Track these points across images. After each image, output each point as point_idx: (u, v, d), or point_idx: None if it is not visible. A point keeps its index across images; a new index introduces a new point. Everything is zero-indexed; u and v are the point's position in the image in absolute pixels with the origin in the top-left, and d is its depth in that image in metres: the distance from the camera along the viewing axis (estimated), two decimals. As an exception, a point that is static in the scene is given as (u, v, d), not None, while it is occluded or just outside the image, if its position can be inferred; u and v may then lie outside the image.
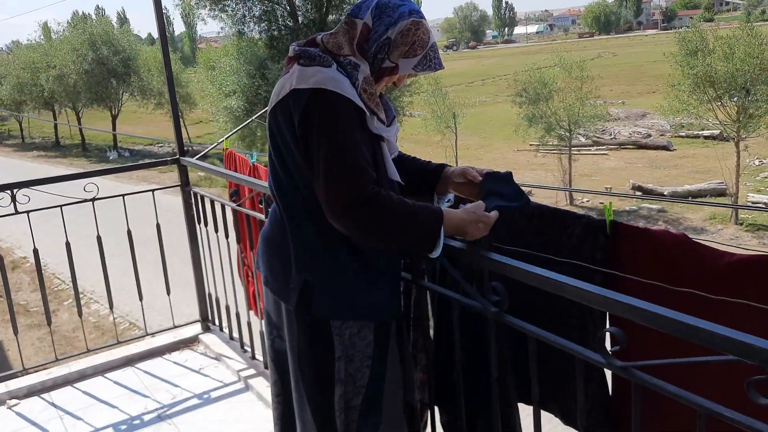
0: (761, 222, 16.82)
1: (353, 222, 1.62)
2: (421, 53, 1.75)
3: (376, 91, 1.77)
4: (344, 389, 1.79)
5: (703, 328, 1.16)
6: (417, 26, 1.74)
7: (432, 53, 1.76)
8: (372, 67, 1.75)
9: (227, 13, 17.93)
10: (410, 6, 1.76)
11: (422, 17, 1.76)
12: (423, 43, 1.74)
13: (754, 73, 17.50)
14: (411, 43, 1.73)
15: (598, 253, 1.99)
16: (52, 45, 35.45)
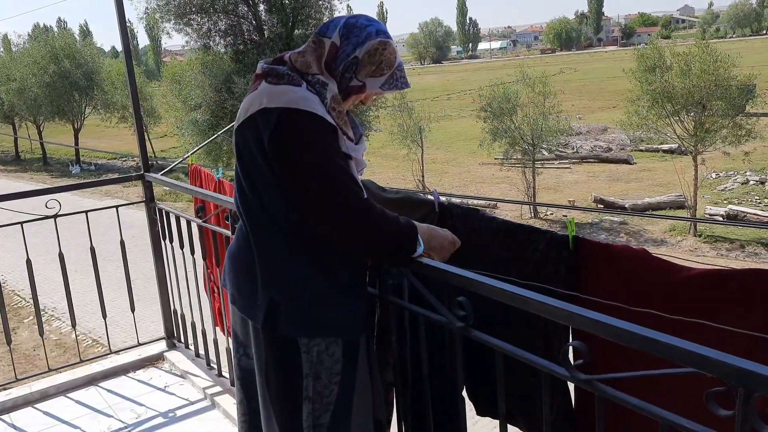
0: (719, 234, 17.24)
1: (350, 227, 1.70)
2: (388, 72, 1.79)
3: (344, 109, 1.79)
4: (312, 407, 1.79)
5: (663, 341, 1.20)
6: (384, 46, 1.77)
7: (398, 72, 1.81)
8: (340, 85, 1.77)
9: (192, 27, 17.82)
10: (378, 26, 1.80)
11: (389, 38, 1.80)
12: (390, 63, 1.79)
13: (710, 88, 17.99)
14: (378, 63, 1.77)
15: (562, 268, 2.03)
16: (12, 57, 34.79)
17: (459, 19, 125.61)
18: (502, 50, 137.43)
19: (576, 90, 44.75)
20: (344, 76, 1.78)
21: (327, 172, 1.67)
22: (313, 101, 1.69)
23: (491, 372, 1.73)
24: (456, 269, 1.73)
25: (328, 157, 1.68)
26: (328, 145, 1.69)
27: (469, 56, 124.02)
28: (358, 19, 1.80)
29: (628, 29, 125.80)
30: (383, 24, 1.84)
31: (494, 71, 47.00)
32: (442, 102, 46.80)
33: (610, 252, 1.93)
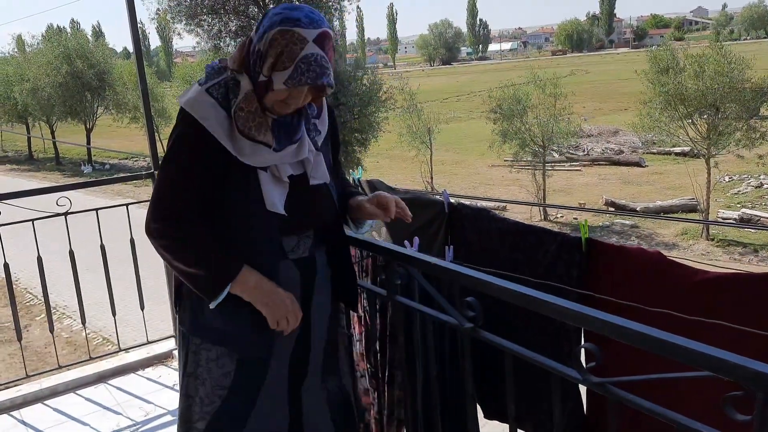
0: (731, 237, 17.10)
1: (153, 242, 1.70)
2: (290, 66, 1.59)
3: (259, 109, 1.65)
4: (192, 407, 1.77)
5: (680, 344, 1.17)
6: (283, 35, 1.59)
7: (303, 65, 1.58)
8: (253, 82, 1.66)
9: (203, 28, 17.86)
10: (287, 15, 1.61)
11: (297, 26, 1.59)
12: (292, 55, 1.58)
13: (724, 91, 17.85)
14: (278, 55, 1.60)
15: (574, 270, 2.01)
16: (26, 58, 34.99)
17: (469, 20, 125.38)
18: (512, 52, 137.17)
19: (587, 92, 44.55)
20: (254, 71, 1.65)
21: (161, 173, 1.70)
22: (203, 104, 1.64)
23: (500, 374, 1.71)
24: (466, 270, 1.71)
25: (168, 159, 1.67)
26: (180, 147, 1.66)
27: (479, 58, 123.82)
28: (277, 8, 1.65)
29: (640, 31, 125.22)
30: (306, 12, 1.63)
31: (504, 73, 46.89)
32: (451, 103, 46.73)
33: (624, 254, 1.90)
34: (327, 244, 1.86)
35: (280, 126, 1.67)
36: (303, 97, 1.66)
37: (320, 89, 1.69)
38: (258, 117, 1.64)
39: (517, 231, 2.28)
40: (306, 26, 1.58)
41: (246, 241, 1.70)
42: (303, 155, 1.72)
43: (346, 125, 16.96)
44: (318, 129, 1.80)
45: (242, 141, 1.63)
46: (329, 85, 1.62)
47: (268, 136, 1.65)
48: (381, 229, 3.55)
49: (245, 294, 1.67)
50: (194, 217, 1.68)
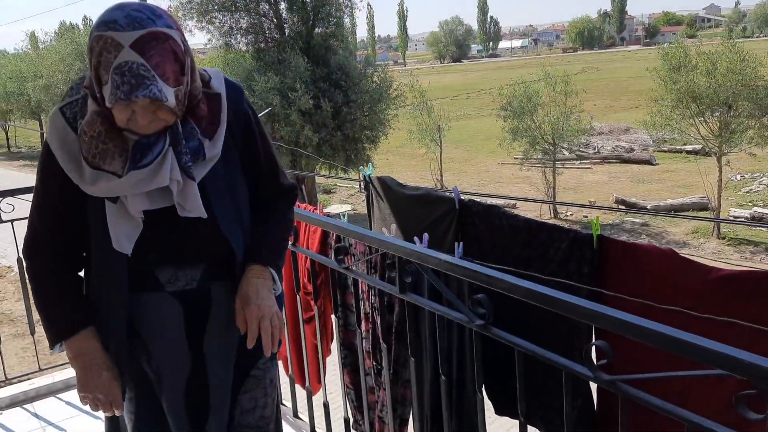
0: (743, 236, 16.99)
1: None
2: (107, 78, 1.31)
3: (102, 132, 1.40)
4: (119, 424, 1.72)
5: (693, 342, 1.17)
6: (98, 41, 1.32)
7: (117, 77, 1.29)
8: (96, 100, 1.40)
9: (214, 25, 17.91)
10: (105, 15, 1.35)
11: (111, 28, 1.31)
12: (106, 64, 1.31)
13: (736, 88, 17.72)
14: (95, 66, 1.33)
15: (585, 267, 2.00)
16: (39, 55, 35.24)
17: (480, 17, 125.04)
18: (522, 49, 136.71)
19: (598, 89, 44.37)
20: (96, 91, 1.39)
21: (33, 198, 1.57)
22: (52, 123, 1.47)
23: (511, 371, 1.70)
24: (476, 266, 1.71)
25: (35, 184, 1.56)
26: (38, 172, 1.54)
27: (490, 55, 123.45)
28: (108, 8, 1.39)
29: (652, 28, 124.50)
30: (130, 11, 1.34)
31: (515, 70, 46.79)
32: (461, 101, 46.66)
33: (636, 251, 1.89)
34: (229, 277, 1.61)
35: (142, 149, 1.41)
36: (138, 116, 1.36)
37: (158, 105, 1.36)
38: (103, 142, 1.40)
39: (528, 228, 2.28)
40: (122, 28, 1.30)
41: (103, 273, 1.54)
42: (159, 183, 1.42)
43: (356, 122, 16.97)
44: (200, 150, 1.48)
45: (86, 168, 1.42)
46: (152, 98, 1.30)
47: (116, 163, 1.40)
48: (391, 226, 3.55)
49: (69, 360, 1.57)
50: (54, 247, 1.55)
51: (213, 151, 1.51)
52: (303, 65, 16.28)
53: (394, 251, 1.97)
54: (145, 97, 1.29)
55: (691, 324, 1.64)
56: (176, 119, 1.43)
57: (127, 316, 1.55)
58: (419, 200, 3.27)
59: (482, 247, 2.57)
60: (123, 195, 1.44)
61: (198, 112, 1.49)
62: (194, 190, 1.47)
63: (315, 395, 2.87)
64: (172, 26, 1.38)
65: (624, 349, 1.65)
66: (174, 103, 1.36)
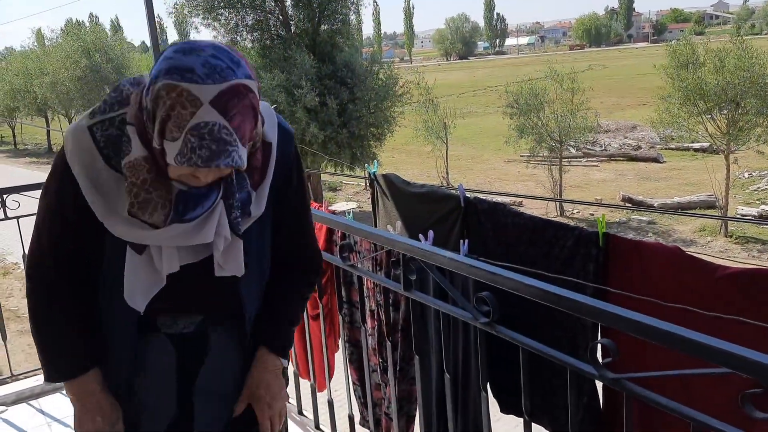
0: (750, 234, 16.91)
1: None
2: (179, 136, 1.12)
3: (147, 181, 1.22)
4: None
5: (699, 341, 1.16)
6: (170, 92, 1.12)
7: (194, 139, 1.10)
8: (146, 145, 1.22)
9: (220, 22, 17.92)
10: (178, 61, 1.14)
11: (187, 79, 1.11)
12: (180, 121, 1.11)
13: (744, 86, 17.62)
14: (162, 119, 1.13)
15: (591, 266, 2.00)
16: (46, 52, 35.37)
17: (486, 14, 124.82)
18: (529, 46, 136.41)
19: (605, 87, 44.22)
20: (148, 132, 1.21)
21: (38, 210, 1.39)
22: (77, 140, 1.27)
23: (515, 369, 1.70)
24: (481, 264, 1.70)
25: (42, 192, 1.38)
26: (49, 183, 1.36)
27: (496, 52, 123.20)
28: (173, 47, 1.20)
29: (660, 25, 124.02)
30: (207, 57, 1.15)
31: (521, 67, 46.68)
32: (467, 98, 46.57)
33: (641, 249, 1.89)
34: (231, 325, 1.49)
35: (187, 199, 1.24)
36: (201, 176, 1.20)
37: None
38: (146, 191, 1.22)
39: (533, 226, 2.27)
40: (201, 80, 1.12)
41: (110, 312, 1.41)
42: (204, 239, 1.29)
43: (362, 120, 16.96)
44: (248, 203, 1.34)
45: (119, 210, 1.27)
46: (232, 166, 1.15)
47: (157, 215, 1.23)
48: (396, 223, 3.54)
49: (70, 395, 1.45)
50: (59, 268, 1.38)
51: (258, 208, 1.37)
52: (309, 62, 16.28)
53: (398, 248, 1.97)
54: (227, 167, 1.14)
55: (697, 322, 1.64)
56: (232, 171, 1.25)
57: (131, 362, 1.43)
58: (424, 198, 3.27)
59: (487, 245, 2.56)
60: (155, 246, 1.29)
61: (252, 162, 1.30)
62: (239, 249, 1.35)
63: (320, 393, 2.88)
64: (251, 75, 1.20)
65: (629, 347, 1.65)
66: (246, 165, 1.20)
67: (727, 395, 1.31)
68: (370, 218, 4.20)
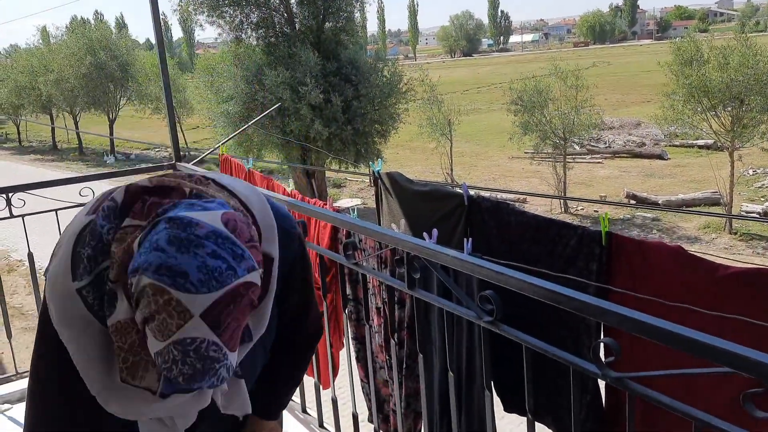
0: (755, 231, 16.88)
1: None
2: (162, 342, 0.96)
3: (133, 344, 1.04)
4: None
5: (700, 340, 1.16)
6: (156, 293, 0.94)
7: (177, 353, 0.95)
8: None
9: (225, 20, 17.91)
10: (171, 260, 0.95)
11: (178, 286, 0.94)
12: (164, 329, 0.95)
13: (749, 83, 17.57)
14: (146, 318, 0.97)
15: (594, 264, 2.00)
16: (51, 49, 35.46)
17: (490, 11, 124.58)
18: (533, 43, 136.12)
19: (609, 84, 44.13)
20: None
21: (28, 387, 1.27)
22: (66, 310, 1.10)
23: (519, 368, 1.71)
24: (485, 263, 1.71)
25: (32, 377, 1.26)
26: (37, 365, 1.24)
27: (500, 49, 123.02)
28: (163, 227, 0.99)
29: (664, 22, 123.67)
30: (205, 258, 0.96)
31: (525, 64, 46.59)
32: (472, 95, 46.52)
33: (644, 248, 1.89)
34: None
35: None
36: None
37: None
38: (134, 354, 1.04)
39: (537, 224, 2.27)
40: (195, 288, 0.94)
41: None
42: (205, 404, 1.16)
43: (367, 117, 16.96)
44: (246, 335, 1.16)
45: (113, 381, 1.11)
46: (215, 386, 1.00)
47: (149, 376, 1.05)
48: (400, 221, 3.55)
49: None
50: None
51: (258, 331, 1.21)
52: (313, 59, 16.27)
53: (402, 247, 1.98)
54: (210, 387, 1.00)
55: (699, 321, 1.64)
56: None
57: None
58: (428, 196, 3.27)
59: (491, 243, 2.57)
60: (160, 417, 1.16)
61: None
62: (242, 391, 1.24)
63: (324, 391, 2.89)
64: (255, 266, 1.01)
65: (633, 346, 1.65)
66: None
67: (729, 395, 1.31)
68: (374, 215, 4.21)
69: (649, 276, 1.83)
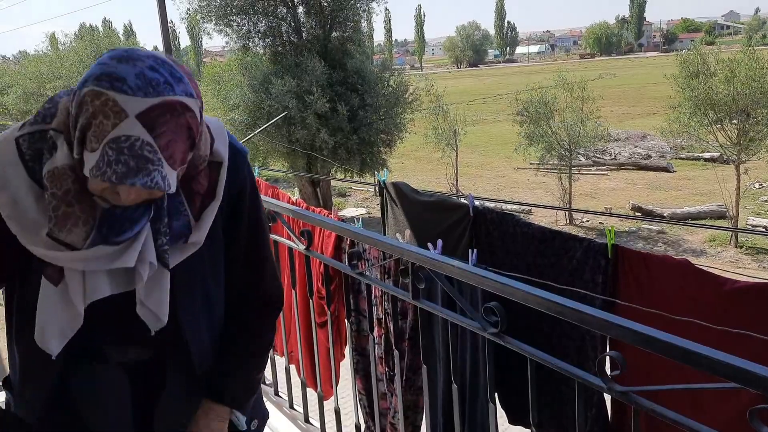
0: (761, 245, 16.81)
1: None
2: (98, 147, 1.00)
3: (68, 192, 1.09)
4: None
5: (706, 354, 1.16)
6: (95, 98, 1.01)
7: (112, 152, 0.99)
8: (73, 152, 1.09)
9: (232, 28, 18.01)
10: (112, 67, 1.03)
11: (116, 88, 1.01)
12: (100, 132, 1.00)
13: (755, 96, 17.55)
14: (83, 126, 1.02)
15: (599, 277, 1.99)
16: (59, 56, 35.67)
17: (497, 22, 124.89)
18: (540, 54, 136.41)
19: (615, 96, 44.15)
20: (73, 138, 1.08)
21: None
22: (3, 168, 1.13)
23: (524, 380, 1.70)
24: (490, 274, 1.70)
25: None
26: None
27: (507, 60, 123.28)
28: (111, 52, 1.08)
29: (671, 35, 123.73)
30: (144, 68, 1.04)
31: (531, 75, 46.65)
32: (477, 105, 46.58)
33: (650, 262, 1.88)
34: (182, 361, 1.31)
35: (112, 220, 1.11)
36: (122, 194, 1.08)
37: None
38: (68, 204, 1.08)
39: (542, 236, 2.27)
40: (132, 91, 1.01)
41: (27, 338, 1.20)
42: (125, 263, 1.13)
43: (372, 126, 17.00)
44: (185, 231, 1.21)
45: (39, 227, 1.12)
46: (152, 189, 1.02)
47: (76, 233, 1.09)
48: (405, 231, 3.55)
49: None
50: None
51: (198, 236, 1.23)
52: (320, 69, 16.33)
53: (407, 257, 1.97)
54: (144, 187, 1.01)
55: (705, 336, 1.63)
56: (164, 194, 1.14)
57: (50, 392, 1.25)
58: (433, 206, 3.27)
59: (496, 255, 2.56)
60: (75, 267, 1.14)
61: (193, 186, 1.20)
62: (164, 281, 1.19)
63: (326, 401, 2.88)
64: (192, 93, 1.09)
65: (639, 360, 1.64)
66: (175, 189, 1.07)
67: (736, 409, 1.30)
68: (379, 224, 4.21)
69: (655, 289, 1.83)
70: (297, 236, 2.57)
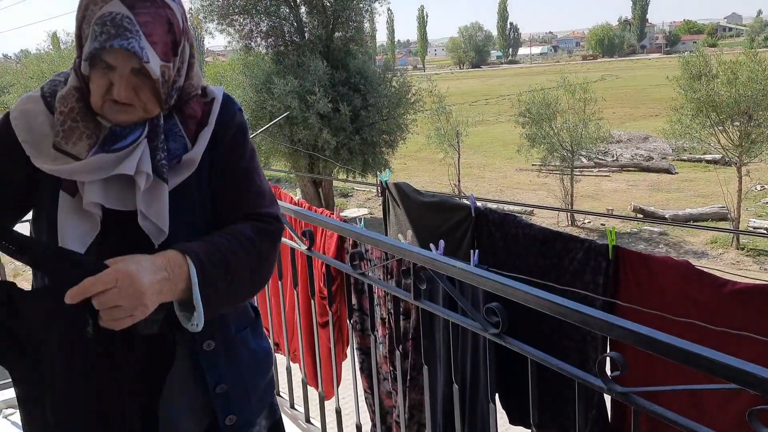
0: (762, 247, 16.79)
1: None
2: (88, 33, 1.18)
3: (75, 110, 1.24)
4: None
5: (706, 356, 1.16)
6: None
7: (98, 27, 1.16)
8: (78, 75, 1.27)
9: (235, 28, 18.02)
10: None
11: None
12: (91, 17, 1.19)
13: (757, 98, 17.54)
14: (80, 22, 1.23)
15: (600, 278, 2.00)
16: (61, 55, 35.67)
17: (500, 23, 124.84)
18: (542, 56, 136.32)
19: (617, 97, 44.12)
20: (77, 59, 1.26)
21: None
22: (28, 97, 1.32)
23: (524, 381, 1.70)
24: (491, 275, 1.71)
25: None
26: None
27: (509, 61, 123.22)
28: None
29: (673, 37, 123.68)
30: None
31: (534, 77, 46.64)
32: (480, 107, 46.57)
33: (651, 263, 1.89)
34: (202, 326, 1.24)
35: (114, 136, 1.24)
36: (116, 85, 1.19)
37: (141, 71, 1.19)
38: (73, 120, 1.23)
39: (543, 237, 2.28)
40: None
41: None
42: (124, 170, 1.22)
43: (375, 126, 17.00)
44: (180, 153, 1.30)
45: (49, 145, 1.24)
46: (130, 50, 1.14)
47: (81, 145, 1.23)
48: (407, 232, 3.55)
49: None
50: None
51: (192, 155, 1.30)
52: (322, 69, 16.33)
53: (408, 258, 1.98)
54: (121, 48, 1.13)
55: (705, 337, 1.64)
56: (159, 113, 1.27)
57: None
58: (435, 207, 3.28)
59: (497, 255, 2.57)
60: (79, 179, 1.23)
61: (186, 110, 1.32)
62: (163, 194, 1.25)
63: (328, 401, 2.88)
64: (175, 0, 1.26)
65: (639, 361, 1.65)
66: (158, 75, 1.19)
67: (736, 411, 1.31)
68: (381, 224, 4.22)
69: (656, 291, 1.83)
70: (299, 236, 2.58)
